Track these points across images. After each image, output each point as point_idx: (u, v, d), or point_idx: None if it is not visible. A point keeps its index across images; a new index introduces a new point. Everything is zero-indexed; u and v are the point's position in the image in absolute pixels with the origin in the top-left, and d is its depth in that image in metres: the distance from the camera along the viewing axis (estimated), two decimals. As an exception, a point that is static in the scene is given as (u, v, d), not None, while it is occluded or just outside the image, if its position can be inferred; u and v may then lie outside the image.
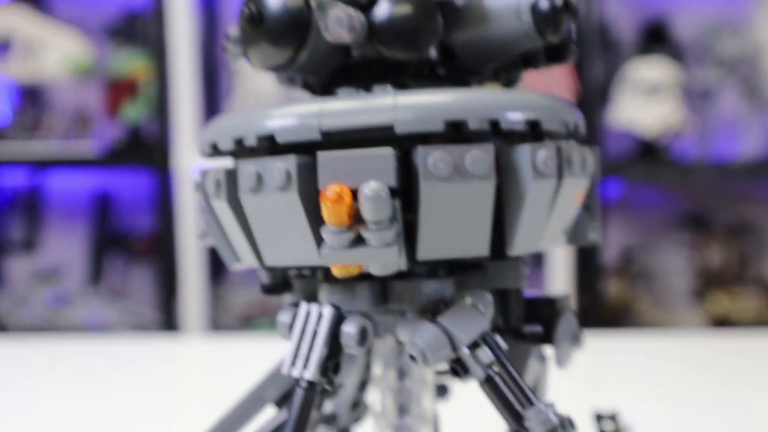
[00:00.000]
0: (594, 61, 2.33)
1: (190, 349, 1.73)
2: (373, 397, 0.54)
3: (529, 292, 0.52)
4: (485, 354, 0.44)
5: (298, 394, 0.44)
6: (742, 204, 2.66)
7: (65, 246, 2.74)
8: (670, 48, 2.47)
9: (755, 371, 1.31)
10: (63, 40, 2.39)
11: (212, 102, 2.48)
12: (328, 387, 0.45)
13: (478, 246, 0.44)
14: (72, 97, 2.63)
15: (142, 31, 2.48)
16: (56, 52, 2.39)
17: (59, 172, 2.66)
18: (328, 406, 0.61)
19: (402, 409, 0.52)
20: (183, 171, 2.35)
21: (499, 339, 0.45)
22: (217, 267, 2.56)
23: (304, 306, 0.46)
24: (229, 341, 1.75)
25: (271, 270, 0.49)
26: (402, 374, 0.52)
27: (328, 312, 0.45)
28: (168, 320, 2.37)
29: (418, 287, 0.47)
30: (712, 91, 2.45)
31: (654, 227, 2.71)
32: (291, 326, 0.46)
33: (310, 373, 0.44)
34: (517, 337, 0.52)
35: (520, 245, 0.45)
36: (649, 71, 2.36)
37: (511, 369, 0.44)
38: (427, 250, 0.44)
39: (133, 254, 2.68)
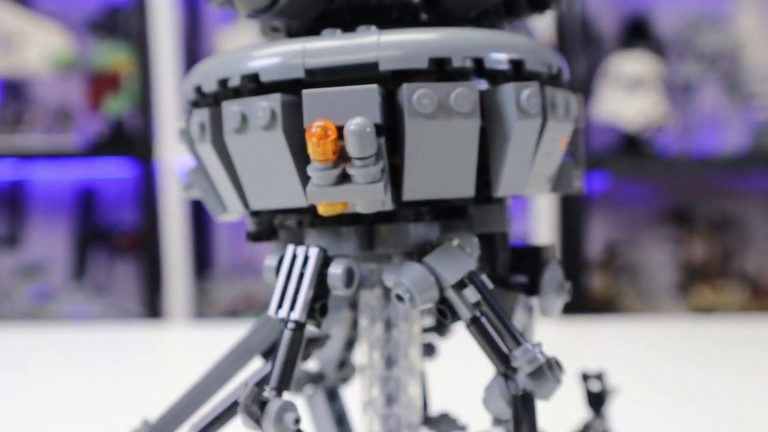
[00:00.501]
0: (576, 55, 2.34)
1: (175, 337, 1.72)
2: (361, 350, 0.53)
3: (515, 242, 0.52)
4: (472, 293, 0.44)
5: (285, 336, 0.44)
6: (725, 198, 2.67)
7: (49, 241, 2.72)
8: (651, 42, 2.49)
9: (738, 357, 1.32)
10: (44, 33, 2.38)
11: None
12: (315, 327, 0.44)
13: (464, 187, 0.44)
14: (54, 91, 2.61)
15: (124, 24, 2.47)
16: (38, 46, 2.38)
17: (42, 166, 2.64)
18: (315, 365, 0.61)
19: (389, 361, 0.52)
20: (166, 164, 2.34)
21: (485, 279, 0.44)
22: (202, 261, 2.55)
23: (290, 248, 0.45)
24: (214, 329, 1.74)
25: (256, 215, 0.49)
26: (389, 326, 0.52)
27: (314, 253, 0.44)
28: (153, 315, 2.36)
29: (404, 231, 0.46)
30: (694, 86, 2.46)
31: (638, 222, 2.72)
32: (277, 270, 0.45)
33: (297, 314, 0.44)
34: (503, 287, 0.51)
35: (505, 186, 0.45)
36: (631, 65, 2.37)
37: (498, 309, 0.44)
38: (412, 191, 0.44)
39: (118, 249, 2.67)
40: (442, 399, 0.66)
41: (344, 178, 0.42)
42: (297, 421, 0.41)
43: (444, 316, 0.45)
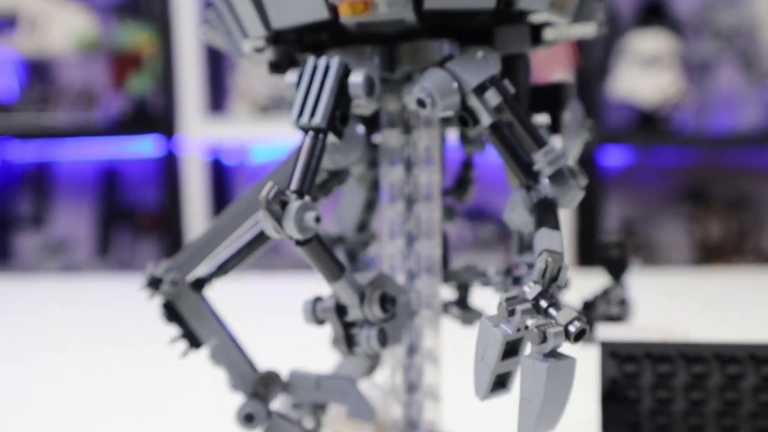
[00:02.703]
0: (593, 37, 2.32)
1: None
2: (383, 197, 0.52)
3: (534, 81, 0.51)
4: (493, 96, 0.43)
5: (307, 141, 0.43)
6: (741, 176, 2.65)
7: (73, 219, 2.74)
8: (668, 21, 2.48)
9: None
10: (69, 15, 2.40)
11: (216, 74, 2.47)
12: (335, 139, 0.44)
13: (484, -4, 0.43)
14: (78, 71, 2.63)
15: (147, 5, 2.48)
16: (62, 27, 2.39)
17: (67, 145, 2.65)
18: (335, 229, 0.60)
19: (410, 200, 0.51)
20: (188, 141, 2.35)
21: (507, 83, 0.44)
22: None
23: (311, 60, 0.45)
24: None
25: (277, 39, 0.48)
26: (409, 166, 0.51)
27: (335, 62, 0.44)
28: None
29: (425, 47, 0.46)
30: (710, 63, 2.44)
31: (654, 200, 2.70)
32: (298, 84, 0.45)
33: (318, 119, 0.43)
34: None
35: (527, 0, 0.44)
36: (648, 43, 2.36)
37: (521, 113, 0.43)
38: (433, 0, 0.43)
39: (140, 227, 2.68)
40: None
41: (365, -25, 0.41)
42: (318, 219, 0.41)
43: (465, 124, 0.44)
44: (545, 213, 0.42)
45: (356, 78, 0.44)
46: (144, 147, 2.56)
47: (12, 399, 0.92)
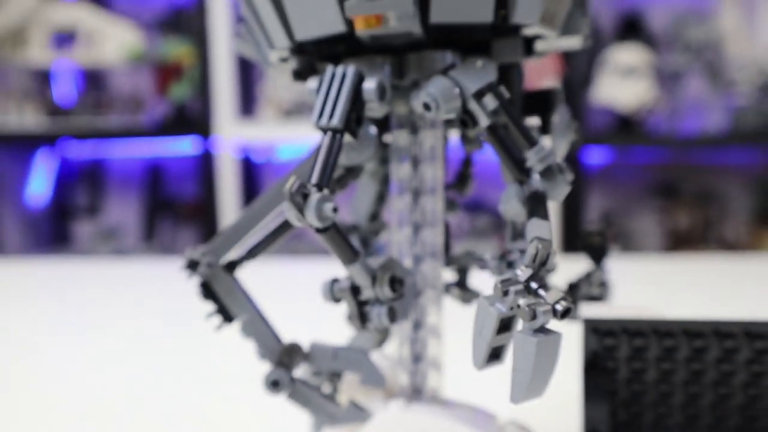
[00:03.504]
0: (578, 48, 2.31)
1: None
2: (393, 190, 0.52)
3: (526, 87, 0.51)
4: (491, 101, 0.42)
5: (325, 140, 0.42)
6: (707, 173, 2.63)
7: (123, 209, 2.75)
8: (644, 36, 2.46)
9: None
10: (120, 31, 2.40)
11: (247, 82, 2.47)
12: (351, 138, 0.43)
13: (483, 11, 0.42)
14: (127, 80, 2.63)
15: (187, 22, 2.48)
16: (114, 42, 2.40)
17: (117, 145, 2.66)
18: (350, 218, 0.60)
19: (416, 193, 0.51)
20: (222, 141, 2.35)
21: (503, 90, 0.43)
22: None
23: (329, 68, 0.44)
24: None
25: (300, 50, 0.48)
26: (416, 163, 0.51)
27: (351, 70, 0.43)
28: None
29: (431, 57, 0.45)
30: (681, 74, 2.43)
31: (630, 194, 2.68)
32: (318, 90, 0.44)
33: (336, 120, 0.42)
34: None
35: (520, 14, 0.43)
36: (625, 55, 2.34)
37: (515, 115, 0.43)
38: (439, 14, 0.42)
39: (181, 216, 2.68)
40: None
41: (378, -6, 0.40)
42: (335, 209, 0.40)
43: (466, 125, 0.43)
44: (536, 205, 0.42)
45: (369, 84, 0.43)
46: (184, 146, 2.56)
47: (72, 366, 0.92)
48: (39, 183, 2.73)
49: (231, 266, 0.51)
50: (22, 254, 2.57)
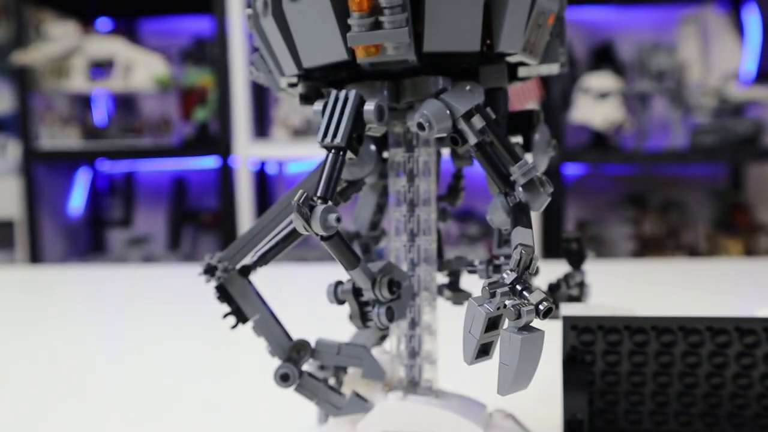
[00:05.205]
0: (558, 74, 2.30)
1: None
2: (391, 201, 0.51)
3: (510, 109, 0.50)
4: (478, 121, 0.42)
5: (330, 157, 0.42)
6: (671, 185, 2.63)
7: (151, 219, 2.74)
8: (614, 64, 2.46)
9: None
10: (150, 60, 2.40)
11: (261, 106, 2.47)
12: (353, 155, 0.42)
13: (472, 41, 0.42)
14: (156, 104, 2.63)
15: (209, 52, 2.48)
16: (144, 70, 2.39)
17: (147, 162, 2.66)
18: (352, 227, 0.59)
19: (412, 204, 0.50)
20: (240, 159, 2.34)
21: (489, 111, 0.42)
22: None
23: (333, 92, 0.43)
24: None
25: (307, 76, 0.47)
26: (411, 177, 0.50)
27: (353, 94, 0.43)
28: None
29: (424, 82, 0.44)
30: (647, 97, 2.43)
31: (603, 204, 2.68)
32: (323, 112, 0.44)
33: (339, 139, 0.42)
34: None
35: (505, 44, 0.43)
36: (598, 81, 2.34)
37: (501, 134, 0.42)
38: (431, 43, 0.42)
39: (202, 226, 2.68)
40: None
41: (377, 25, 0.40)
42: (338, 219, 0.40)
43: (456, 143, 0.43)
44: (520, 214, 0.41)
45: (369, 107, 0.43)
46: (205, 163, 2.56)
47: (106, 357, 0.92)
48: (78, 197, 2.72)
49: (245, 271, 0.51)
50: (63, 261, 2.56)
